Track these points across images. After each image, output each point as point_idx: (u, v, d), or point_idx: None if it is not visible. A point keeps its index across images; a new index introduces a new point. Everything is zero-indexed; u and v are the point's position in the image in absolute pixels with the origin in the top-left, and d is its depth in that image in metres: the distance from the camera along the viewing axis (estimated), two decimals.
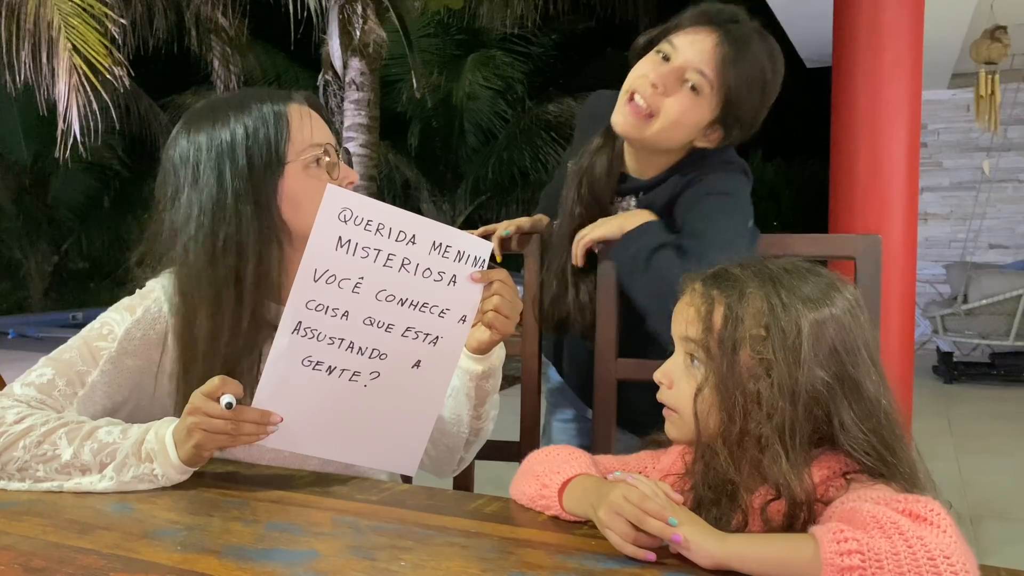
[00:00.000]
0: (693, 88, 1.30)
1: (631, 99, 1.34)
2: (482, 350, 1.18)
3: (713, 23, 1.30)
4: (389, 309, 1.05)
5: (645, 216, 1.36)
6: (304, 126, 1.19)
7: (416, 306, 1.06)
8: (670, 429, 0.94)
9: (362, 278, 1.02)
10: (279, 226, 1.17)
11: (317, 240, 1.00)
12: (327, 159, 1.20)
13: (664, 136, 1.34)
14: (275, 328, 1.04)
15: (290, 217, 1.18)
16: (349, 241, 1.00)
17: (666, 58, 1.31)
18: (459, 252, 1.05)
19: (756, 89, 1.32)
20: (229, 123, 1.17)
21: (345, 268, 1.01)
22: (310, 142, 1.19)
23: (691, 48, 1.30)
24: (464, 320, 1.09)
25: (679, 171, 1.39)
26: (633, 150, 1.43)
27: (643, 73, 1.33)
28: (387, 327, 1.06)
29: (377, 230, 1.01)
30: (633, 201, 1.46)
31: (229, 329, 1.14)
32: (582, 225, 1.42)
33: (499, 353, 1.21)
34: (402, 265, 1.03)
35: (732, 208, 1.33)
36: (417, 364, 1.09)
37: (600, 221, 1.40)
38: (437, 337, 1.08)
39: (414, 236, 1.03)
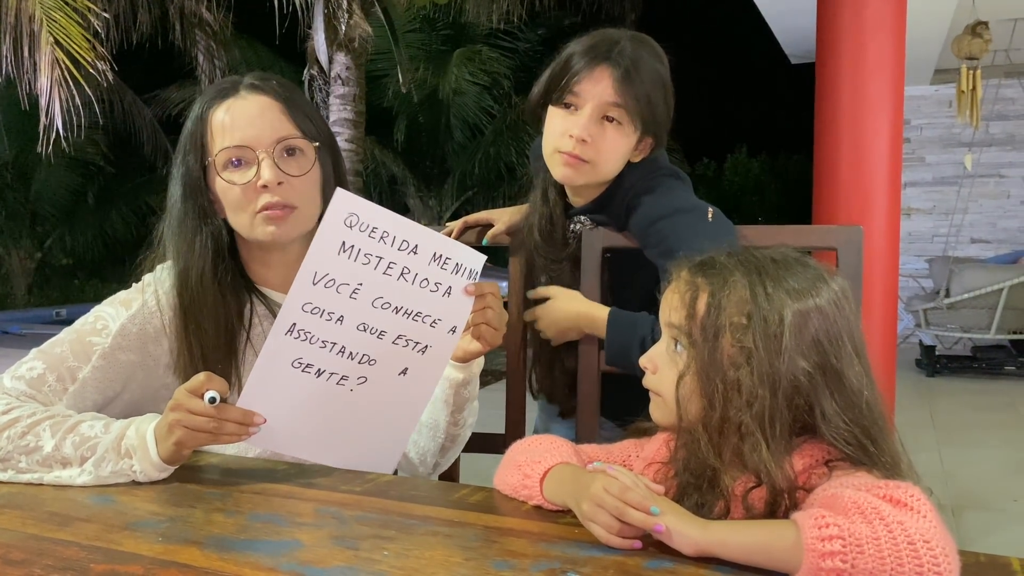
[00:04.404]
0: (615, 121, 1.35)
1: (565, 153, 1.37)
2: (466, 360, 1.19)
3: (601, 58, 1.35)
4: (383, 316, 1.05)
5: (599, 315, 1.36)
6: (224, 125, 1.17)
7: (410, 315, 1.06)
8: (654, 411, 0.95)
9: (361, 284, 1.02)
10: (218, 221, 1.20)
11: (321, 243, 0.99)
12: (256, 160, 1.16)
13: (606, 171, 1.40)
14: (260, 311, 1.04)
15: (222, 212, 1.20)
16: (352, 247, 1.00)
17: (576, 108, 1.36)
18: (457, 264, 1.05)
19: (661, 91, 1.38)
20: (192, 113, 1.20)
21: (345, 273, 1.01)
22: (221, 145, 1.17)
23: (596, 89, 1.34)
24: (454, 331, 1.09)
25: (613, 194, 1.42)
26: (574, 188, 1.47)
27: (563, 131, 1.37)
28: (379, 334, 1.06)
29: (381, 238, 1.01)
30: (583, 219, 1.48)
31: (195, 320, 1.17)
32: (542, 273, 1.51)
33: (479, 361, 1.22)
34: (401, 274, 1.03)
35: (680, 223, 1.33)
36: (404, 371, 1.09)
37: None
38: (426, 346, 1.08)
39: (417, 246, 1.03)
